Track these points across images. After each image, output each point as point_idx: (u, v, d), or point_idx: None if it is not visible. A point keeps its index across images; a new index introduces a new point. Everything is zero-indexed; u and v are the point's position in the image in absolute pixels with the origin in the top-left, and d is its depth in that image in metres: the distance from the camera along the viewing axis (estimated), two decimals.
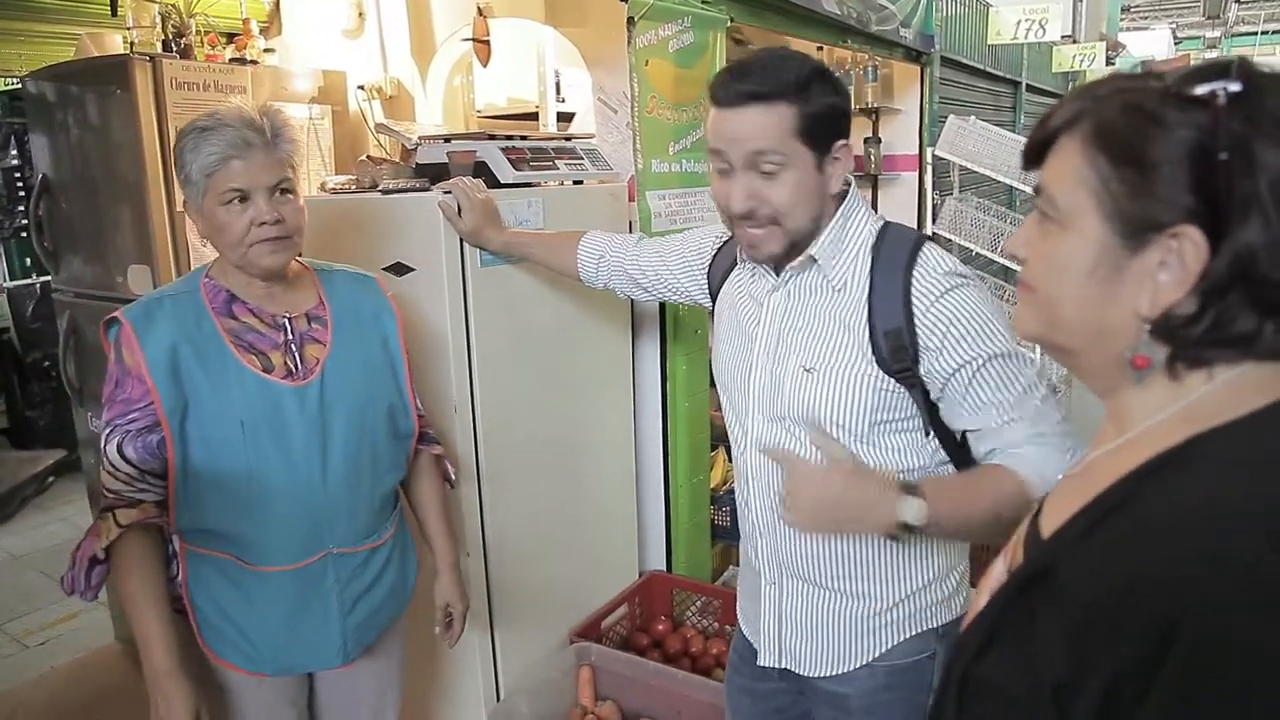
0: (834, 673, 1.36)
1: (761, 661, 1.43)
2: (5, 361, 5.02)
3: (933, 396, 1.27)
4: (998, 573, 0.78)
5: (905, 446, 1.29)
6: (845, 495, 1.14)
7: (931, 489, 1.14)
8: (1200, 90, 0.61)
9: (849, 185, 1.32)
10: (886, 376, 1.24)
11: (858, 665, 1.35)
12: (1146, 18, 16.76)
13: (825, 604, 1.36)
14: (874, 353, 1.24)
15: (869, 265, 1.27)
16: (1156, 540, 0.59)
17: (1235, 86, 0.60)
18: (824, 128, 1.23)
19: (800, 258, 1.29)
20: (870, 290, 1.26)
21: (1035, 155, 0.72)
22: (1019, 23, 4.85)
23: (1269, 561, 0.54)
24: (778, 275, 1.34)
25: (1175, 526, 0.59)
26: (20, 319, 4.97)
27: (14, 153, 4.73)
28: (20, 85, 3.07)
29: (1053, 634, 0.62)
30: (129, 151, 2.41)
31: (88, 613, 3.26)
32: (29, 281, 5.04)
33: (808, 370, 1.28)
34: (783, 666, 1.41)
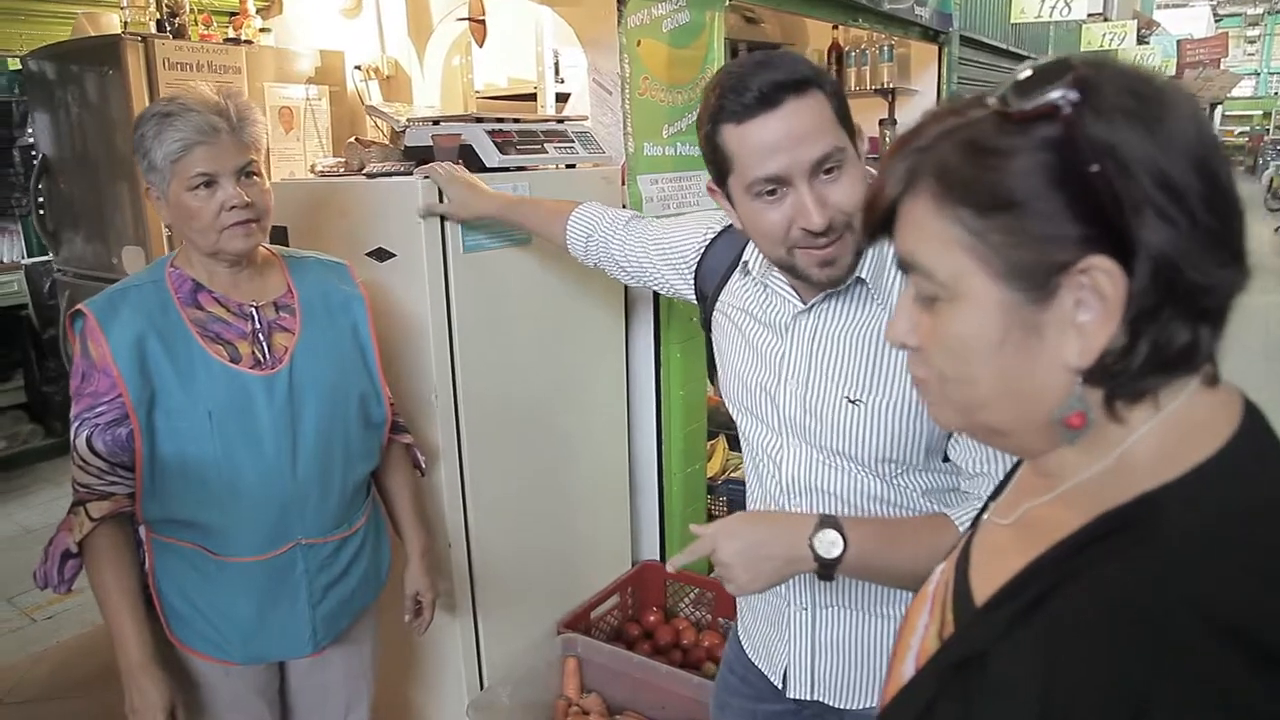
0: (875, 703, 1.28)
1: (792, 694, 1.33)
2: (24, 338, 5.07)
3: None
4: (922, 633, 0.71)
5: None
6: (759, 534, 1.10)
7: (852, 525, 1.07)
8: (1038, 104, 0.53)
9: None
10: None
11: None
12: None
13: (865, 629, 1.27)
14: None
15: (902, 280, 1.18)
16: (1093, 649, 0.51)
17: (1074, 95, 0.53)
18: (847, 111, 1.11)
19: (847, 282, 1.16)
20: None
21: (880, 230, 0.63)
22: (1043, 0, 4.72)
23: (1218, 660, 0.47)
24: (803, 302, 1.21)
25: (1114, 629, 0.51)
26: (38, 296, 5.01)
27: (30, 130, 4.73)
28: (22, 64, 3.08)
29: None
30: (123, 132, 2.40)
31: None
32: (46, 259, 5.07)
33: (853, 402, 1.17)
34: (815, 699, 1.31)
